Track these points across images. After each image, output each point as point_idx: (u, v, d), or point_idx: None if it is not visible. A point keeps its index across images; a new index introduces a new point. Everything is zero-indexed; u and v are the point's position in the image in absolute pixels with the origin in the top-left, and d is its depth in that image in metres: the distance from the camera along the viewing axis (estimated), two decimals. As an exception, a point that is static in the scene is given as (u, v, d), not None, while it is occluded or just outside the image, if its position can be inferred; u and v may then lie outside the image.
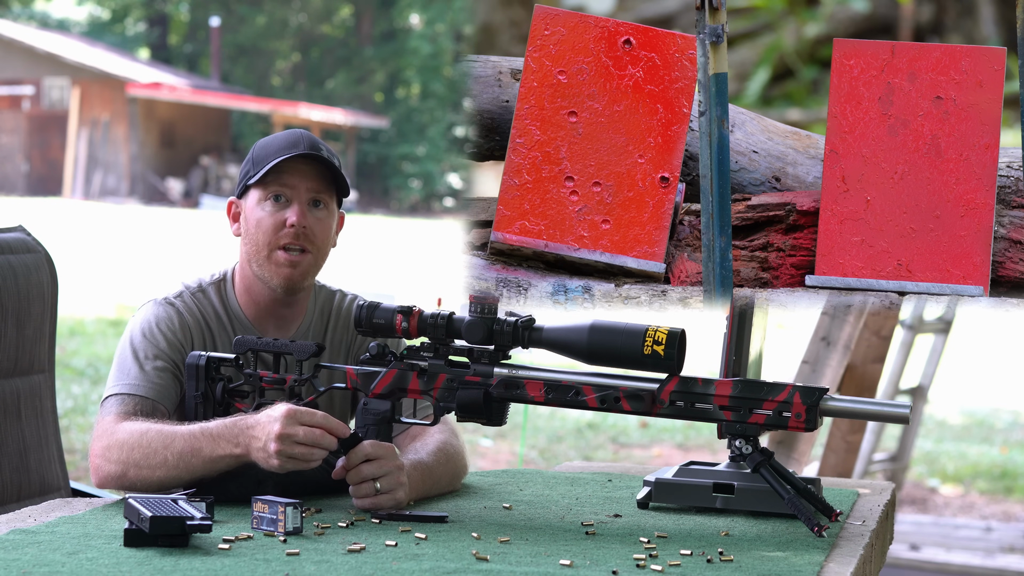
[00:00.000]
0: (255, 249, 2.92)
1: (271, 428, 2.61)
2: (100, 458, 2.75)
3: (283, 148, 2.91)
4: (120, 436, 2.73)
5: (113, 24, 40.22)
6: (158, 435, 2.70)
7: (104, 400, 2.85)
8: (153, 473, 2.69)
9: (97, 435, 2.78)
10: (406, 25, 37.63)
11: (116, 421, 2.78)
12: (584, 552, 2.42)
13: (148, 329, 2.89)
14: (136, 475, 2.71)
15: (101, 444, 2.76)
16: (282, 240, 2.90)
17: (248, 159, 2.97)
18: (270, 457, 2.62)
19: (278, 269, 2.91)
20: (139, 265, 17.23)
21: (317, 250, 2.93)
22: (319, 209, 2.92)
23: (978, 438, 10.52)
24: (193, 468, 2.68)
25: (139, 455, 2.70)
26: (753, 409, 2.60)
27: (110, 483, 2.76)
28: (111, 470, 2.74)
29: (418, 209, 33.57)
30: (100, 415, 2.83)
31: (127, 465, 2.71)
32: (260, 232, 2.91)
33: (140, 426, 2.73)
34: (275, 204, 2.90)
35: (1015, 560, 6.69)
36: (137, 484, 2.71)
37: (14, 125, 32.40)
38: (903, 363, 6.74)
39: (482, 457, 8.55)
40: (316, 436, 2.62)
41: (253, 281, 2.95)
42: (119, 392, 2.83)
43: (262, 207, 2.91)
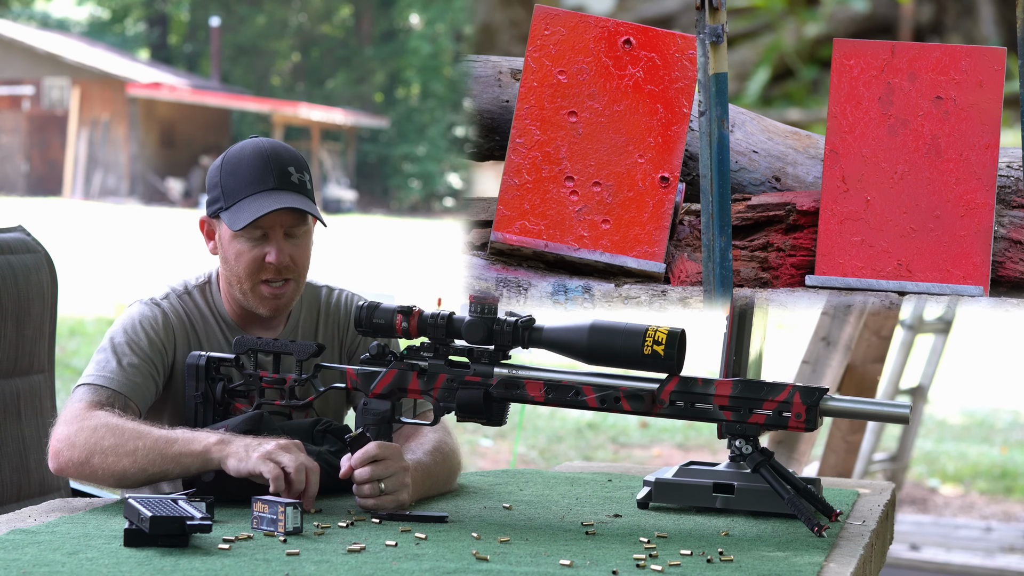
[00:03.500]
0: (236, 279, 2.90)
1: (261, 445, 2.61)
2: (63, 443, 2.69)
3: (253, 182, 2.85)
4: (92, 422, 2.69)
5: (113, 24, 40.22)
6: (134, 429, 2.67)
7: (76, 388, 2.80)
8: (119, 461, 2.65)
9: (63, 419, 2.73)
10: (406, 25, 37.63)
11: (87, 408, 2.73)
12: (584, 552, 2.42)
13: (132, 327, 2.88)
14: (100, 462, 2.66)
15: (67, 429, 2.70)
16: (264, 275, 2.88)
17: (216, 181, 2.90)
18: (246, 459, 2.60)
19: (263, 301, 2.90)
20: (139, 265, 17.22)
21: (299, 275, 2.91)
22: (296, 236, 2.90)
23: (978, 438, 10.52)
24: (162, 465, 2.64)
25: (109, 442, 2.65)
26: (753, 409, 2.60)
27: (71, 468, 2.69)
28: (74, 455, 2.68)
29: (418, 209, 33.57)
30: (69, 401, 2.78)
31: (92, 451, 2.66)
32: (240, 266, 2.89)
33: (117, 419, 2.69)
34: (252, 240, 2.88)
35: (1015, 560, 6.69)
36: (99, 471, 2.66)
37: (14, 125, 32.40)
38: (903, 363, 6.74)
39: (482, 457, 8.55)
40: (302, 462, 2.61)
41: (237, 296, 2.94)
42: (92, 382, 2.80)
43: (240, 241, 2.88)
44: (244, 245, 2.88)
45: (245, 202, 2.86)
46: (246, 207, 2.85)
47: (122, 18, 40.36)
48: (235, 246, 2.89)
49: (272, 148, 2.90)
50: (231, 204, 2.87)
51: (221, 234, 2.91)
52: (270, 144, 2.92)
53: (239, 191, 2.87)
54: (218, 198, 2.90)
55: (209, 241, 2.95)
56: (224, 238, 2.90)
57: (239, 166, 2.89)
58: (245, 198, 2.86)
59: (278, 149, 2.91)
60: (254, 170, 2.88)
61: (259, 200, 2.86)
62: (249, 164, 2.88)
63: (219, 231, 2.92)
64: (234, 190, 2.88)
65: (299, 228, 2.90)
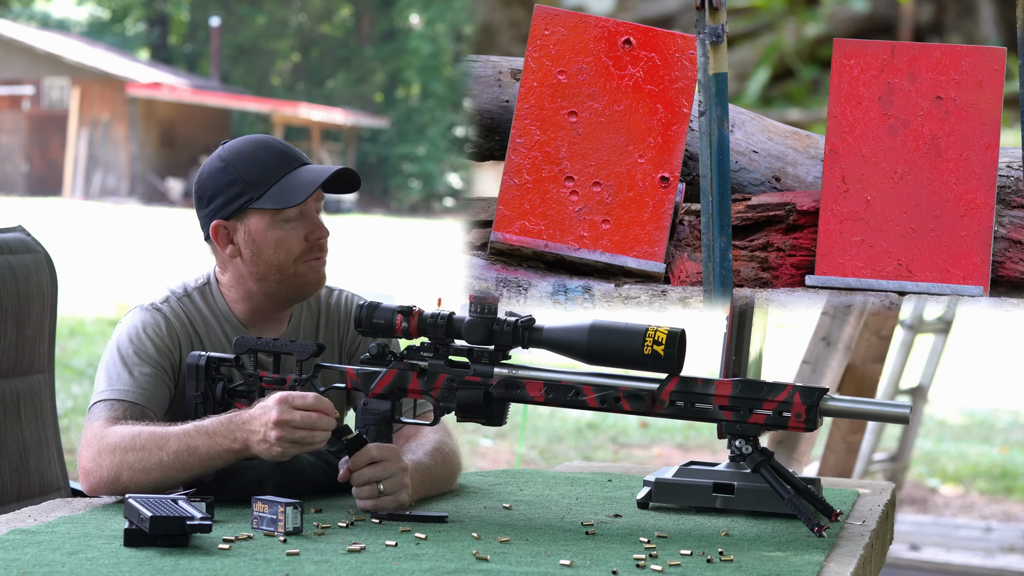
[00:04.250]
0: (274, 268, 2.87)
1: (268, 417, 2.60)
2: (91, 463, 2.71)
3: (280, 166, 2.85)
4: (111, 440, 2.69)
5: (113, 24, 40.22)
6: (151, 437, 2.67)
7: (92, 406, 2.80)
8: (148, 475, 2.66)
9: (86, 442, 2.74)
10: (406, 25, 37.63)
11: (105, 426, 2.74)
12: (584, 552, 2.42)
13: (135, 335, 2.86)
14: (130, 478, 2.67)
15: (91, 450, 2.71)
16: (309, 255, 2.88)
17: (230, 179, 2.86)
18: (272, 446, 2.60)
19: (307, 280, 2.88)
20: (139, 265, 17.22)
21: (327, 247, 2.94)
22: (320, 211, 2.92)
23: (978, 438, 10.52)
24: (190, 467, 2.66)
25: (133, 458, 2.67)
26: (753, 409, 2.60)
27: (103, 488, 2.71)
28: (104, 475, 2.69)
29: (418, 209, 33.57)
30: (88, 421, 2.79)
31: (120, 468, 2.68)
32: (283, 252, 2.86)
33: (131, 429, 2.70)
34: (291, 221, 2.86)
35: (1015, 560, 6.68)
36: (131, 487, 2.67)
37: (14, 125, 32.41)
38: (903, 363, 6.74)
39: (482, 457, 8.55)
40: (313, 419, 2.61)
41: (255, 292, 2.92)
42: (108, 398, 2.79)
43: (279, 228, 2.86)
44: (282, 231, 2.85)
45: (284, 182, 2.84)
46: (290, 185, 2.83)
47: (122, 18, 40.36)
48: (273, 235, 2.85)
49: (269, 137, 2.92)
50: (263, 192, 2.84)
51: (251, 229, 2.86)
52: (263, 135, 2.93)
53: (269, 177, 2.85)
54: (241, 193, 2.85)
55: (226, 246, 2.89)
56: (257, 231, 2.86)
57: (254, 156, 2.86)
58: (279, 180, 2.84)
59: (273, 138, 2.92)
60: (274, 154, 2.87)
61: (300, 175, 2.85)
62: (264, 151, 2.87)
63: (246, 227, 2.86)
64: (261, 178, 2.85)
65: (321, 203, 2.91)
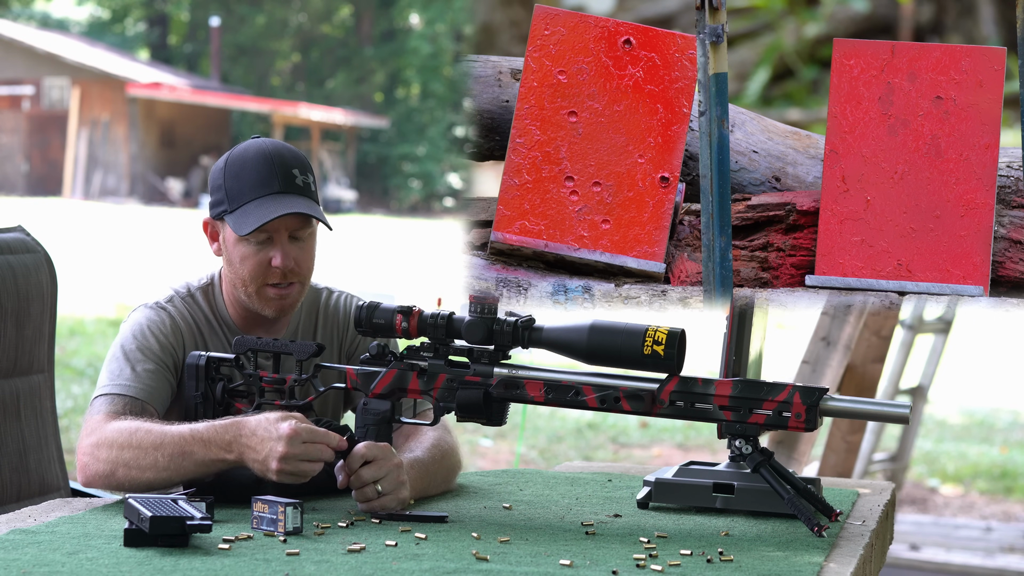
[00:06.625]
0: (241, 282, 2.90)
1: (275, 448, 2.60)
2: (88, 456, 2.72)
3: (257, 186, 2.85)
4: (109, 434, 2.71)
5: (113, 24, 40.22)
6: (147, 435, 2.68)
7: (94, 399, 2.82)
8: (143, 474, 2.67)
9: (85, 433, 2.76)
10: (406, 25, 37.63)
11: (105, 420, 2.75)
12: (584, 552, 2.42)
13: (139, 332, 2.88)
14: (125, 475, 2.68)
15: (89, 442, 2.73)
16: (270, 279, 2.88)
17: (219, 184, 2.89)
18: (269, 472, 2.60)
19: (268, 303, 2.90)
20: (139, 265, 17.22)
21: (304, 277, 2.91)
22: (301, 239, 2.89)
23: (978, 438, 10.52)
24: (184, 470, 2.66)
25: (129, 455, 2.68)
26: (753, 409, 2.60)
27: (97, 482, 2.72)
28: (99, 468, 2.71)
29: (418, 209, 33.57)
30: (89, 414, 2.80)
31: (116, 464, 2.69)
32: (245, 269, 2.88)
33: (129, 425, 2.71)
34: (257, 244, 2.87)
35: (1015, 560, 6.68)
36: (125, 484, 2.68)
37: (14, 125, 32.41)
38: (903, 363, 6.74)
39: (482, 457, 8.55)
40: (319, 451, 2.62)
41: (240, 297, 2.94)
42: (109, 392, 2.81)
43: (245, 244, 2.87)
44: (249, 249, 2.87)
45: (250, 206, 2.85)
46: (251, 211, 2.85)
47: (122, 18, 40.36)
48: (240, 249, 2.88)
49: (276, 150, 2.89)
50: (236, 208, 2.86)
51: (225, 237, 2.90)
52: (273, 145, 2.91)
53: (243, 195, 2.86)
54: (222, 200, 2.89)
55: (213, 243, 2.94)
56: (229, 241, 2.90)
57: (243, 169, 2.88)
58: (250, 202, 2.85)
59: (281, 151, 2.90)
60: (258, 173, 2.86)
61: (264, 204, 2.85)
62: (253, 167, 2.87)
63: (223, 233, 2.91)
64: (238, 193, 2.87)
65: (303, 231, 2.89)
